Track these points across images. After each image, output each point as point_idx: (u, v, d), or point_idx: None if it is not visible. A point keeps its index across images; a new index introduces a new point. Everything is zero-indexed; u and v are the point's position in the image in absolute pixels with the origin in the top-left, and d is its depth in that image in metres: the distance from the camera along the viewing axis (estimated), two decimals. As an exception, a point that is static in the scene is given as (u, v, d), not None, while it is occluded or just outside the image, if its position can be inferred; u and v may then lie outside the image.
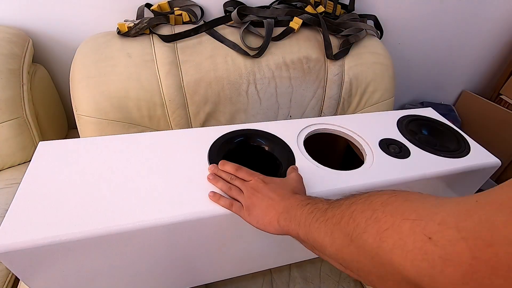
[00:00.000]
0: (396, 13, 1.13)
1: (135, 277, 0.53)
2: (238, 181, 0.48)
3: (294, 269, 0.73)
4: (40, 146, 0.54)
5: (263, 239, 0.56)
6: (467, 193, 0.71)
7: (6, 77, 0.75)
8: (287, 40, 0.88)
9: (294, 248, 0.64)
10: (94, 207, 0.44)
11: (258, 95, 0.87)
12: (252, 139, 0.61)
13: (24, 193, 0.46)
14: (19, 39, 0.81)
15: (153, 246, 0.48)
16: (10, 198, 0.45)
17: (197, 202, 0.47)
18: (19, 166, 0.84)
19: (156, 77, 0.78)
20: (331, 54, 0.89)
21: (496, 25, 1.26)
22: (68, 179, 0.48)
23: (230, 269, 0.63)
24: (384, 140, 0.64)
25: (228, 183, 0.48)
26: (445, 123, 0.71)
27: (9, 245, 0.39)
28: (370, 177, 0.55)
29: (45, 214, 0.43)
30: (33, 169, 0.50)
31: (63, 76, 0.95)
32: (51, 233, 0.41)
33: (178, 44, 0.81)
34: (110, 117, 0.76)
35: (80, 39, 0.82)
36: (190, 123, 0.85)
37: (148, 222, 0.44)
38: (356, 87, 0.94)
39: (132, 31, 0.79)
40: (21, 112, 0.78)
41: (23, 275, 0.44)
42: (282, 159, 0.57)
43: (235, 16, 0.84)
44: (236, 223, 0.49)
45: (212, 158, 0.54)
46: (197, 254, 0.53)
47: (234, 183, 0.48)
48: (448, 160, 0.60)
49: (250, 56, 0.84)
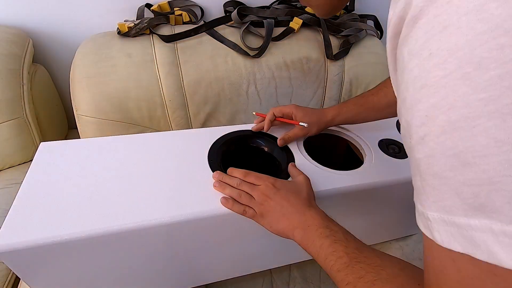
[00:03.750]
0: (396, 13, 1.12)
1: (135, 277, 0.53)
2: (246, 186, 0.47)
3: (294, 269, 0.73)
4: (41, 147, 0.54)
5: (263, 239, 0.56)
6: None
7: (6, 77, 0.75)
8: (287, 40, 0.88)
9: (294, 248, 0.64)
10: (94, 207, 0.45)
11: (258, 95, 0.87)
12: (252, 140, 0.61)
13: (25, 193, 0.46)
14: (19, 39, 0.81)
15: (153, 246, 0.48)
16: (10, 198, 0.45)
17: (197, 202, 0.47)
18: (19, 166, 0.84)
19: (156, 77, 0.78)
20: (331, 54, 0.89)
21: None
22: (69, 180, 0.48)
23: (230, 269, 0.63)
24: (383, 140, 0.64)
25: (236, 189, 0.48)
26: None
27: (11, 244, 0.39)
28: (369, 177, 0.55)
29: (46, 214, 0.43)
30: (34, 169, 0.50)
31: (63, 76, 0.95)
32: (52, 233, 0.41)
33: (178, 44, 0.81)
34: (110, 117, 0.76)
35: (80, 39, 0.82)
36: (190, 123, 0.85)
37: (148, 222, 0.44)
38: (356, 87, 0.94)
39: (132, 31, 0.79)
40: (21, 112, 0.78)
41: (23, 275, 0.45)
42: (282, 159, 0.57)
43: (235, 16, 0.84)
44: (236, 223, 0.50)
45: (212, 158, 0.55)
46: (197, 254, 0.54)
47: (241, 188, 0.47)
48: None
49: (250, 56, 0.84)
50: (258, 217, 0.45)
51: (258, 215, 0.45)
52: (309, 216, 0.42)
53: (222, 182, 0.49)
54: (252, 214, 0.45)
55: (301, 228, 0.42)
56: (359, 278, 0.33)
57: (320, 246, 0.39)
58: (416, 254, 0.71)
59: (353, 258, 0.36)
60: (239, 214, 0.46)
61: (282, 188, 0.46)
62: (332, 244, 0.38)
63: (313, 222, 0.42)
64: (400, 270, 0.32)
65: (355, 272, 0.34)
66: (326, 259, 0.38)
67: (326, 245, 0.38)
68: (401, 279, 0.31)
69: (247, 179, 0.48)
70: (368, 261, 0.35)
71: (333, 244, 0.38)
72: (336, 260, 0.37)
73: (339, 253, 0.37)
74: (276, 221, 0.44)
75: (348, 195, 0.55)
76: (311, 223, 0.42)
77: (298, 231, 0.42)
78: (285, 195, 0.45)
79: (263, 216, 0.45)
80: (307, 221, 0.42)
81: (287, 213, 0.43)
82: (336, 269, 0.36)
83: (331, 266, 0.37)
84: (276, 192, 0.45)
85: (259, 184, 0.47)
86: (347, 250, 0.37)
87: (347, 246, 0.37)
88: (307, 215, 0.43)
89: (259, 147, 0.61)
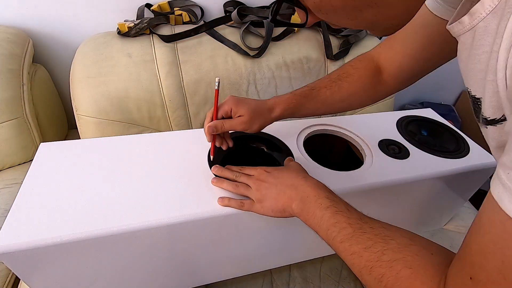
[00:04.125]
0: (396, 13, 1.12)
1: (135, 277, 0.53)
2: (243, 177, 0.48)
3: (294, 269, 0.73)
4: (41, 147, 0.54)
5: (263, 239, 0.56)
6: (467, 193, 0.71)
7: (6, 77, 0.75)
8: (287, 40, 0.88)
9: (294, 248, 0.64)
10: (94, 208, 0.45)
11: (258, 95, 0.87)
12: (252, 140, 0.61)
13: (25, 194, 0.46)
14: (19, 39, 0.81)
15: (153, 247, 0.48)
16: (10, 199, 0.45)
17: (197, 203, 0.47)
18: (19, 166, 0.84)
19: (156, 77, 0.78)
20: (331, 54, 0.89)
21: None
22: (69, 180, 0.48)
23: (230, 269, 0.63)
24: (383, 140, 0.64)
25: (232, 181, 0.49)
26: (444, 123, 0.71)
27: (11, 245, 0.39)
28: (369, 178, 0.55)
29: (46, 215, 0.43)
30: (34, 170, 0.50)
31: (63, 76, 0.95)
32: (53, 233, 0.41)
33: (178, 44, 0.81)
34: (110, 117, 0.76)
35: (80, 39, 0.82)
36: (190, 123, 0.85)
37: (148, 223, 0.44)
38: (356, 87, 0.94)
39: (132, 31, 0.79)
40: (21, 112, 0.78)
41: (23, 275, 0.45)
42: (282, 160, 0.57)
43: (235, 16, 0.84)
44: (236, 224, 0.50)
45: (212, 159, 0.55)
46: (197, 255, 0.54)
47: (240, 179, 0.48)
48: (447, 161, 0.60)
49: (250, 56, 0.84)
50: (257, 205, 0.45)
51: (257, 203, 0.45)
52: (306, 187, 0.42)
53: (219, 178, 0.50)
54: (249, 204, 0.46)
55: (299, 200, 0.41)
56: (366, 248, 0.32)
57: (320, 217, 0.38)
58: (416, 254, 0.71)
59: (357, 229, 0.35)
60: (237, 209, 0.46)
61: (273, 170, 0.47)
62: (334, 215, 0.37)
63: (311, 192, 0.41)
64: (411, 240, 0.32)
65: (360, 242, 0.33)
66: (328, 230, 0.37)
67: (327, 216, 0.38)
68: (413, 248, 0.31)
69: (243, 171, 0.49)
70: (375, 231, 0.34)
71: (334, 215, 0.37)
72: (339, 231, 0.36)
73: (341, 224, 0.36)
74: (274, 202, 0.43)
75: (348, 196, 0.54)
76: (310, 193, 0.41)
77: (296, 203, 0.41)
78: (278, 174, 0.46)
79: (261, 202, 0.44)
80: (305, 192, 0.41)
81: (283, 189, 0.43)
82: (339, 240, 0.35)
83: (333, 238, 0.36)
84: (268, 175, 0.46)
85: (253, 174, 0.48)
86: (350, 220, 0.36)
87: (349, 217, 0.36)
88: (304, 186, 0.42)
89: (259, 147, 0.61)
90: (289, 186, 0.43)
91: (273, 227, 0.54)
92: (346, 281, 0.73)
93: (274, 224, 0.53)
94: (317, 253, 0.71)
